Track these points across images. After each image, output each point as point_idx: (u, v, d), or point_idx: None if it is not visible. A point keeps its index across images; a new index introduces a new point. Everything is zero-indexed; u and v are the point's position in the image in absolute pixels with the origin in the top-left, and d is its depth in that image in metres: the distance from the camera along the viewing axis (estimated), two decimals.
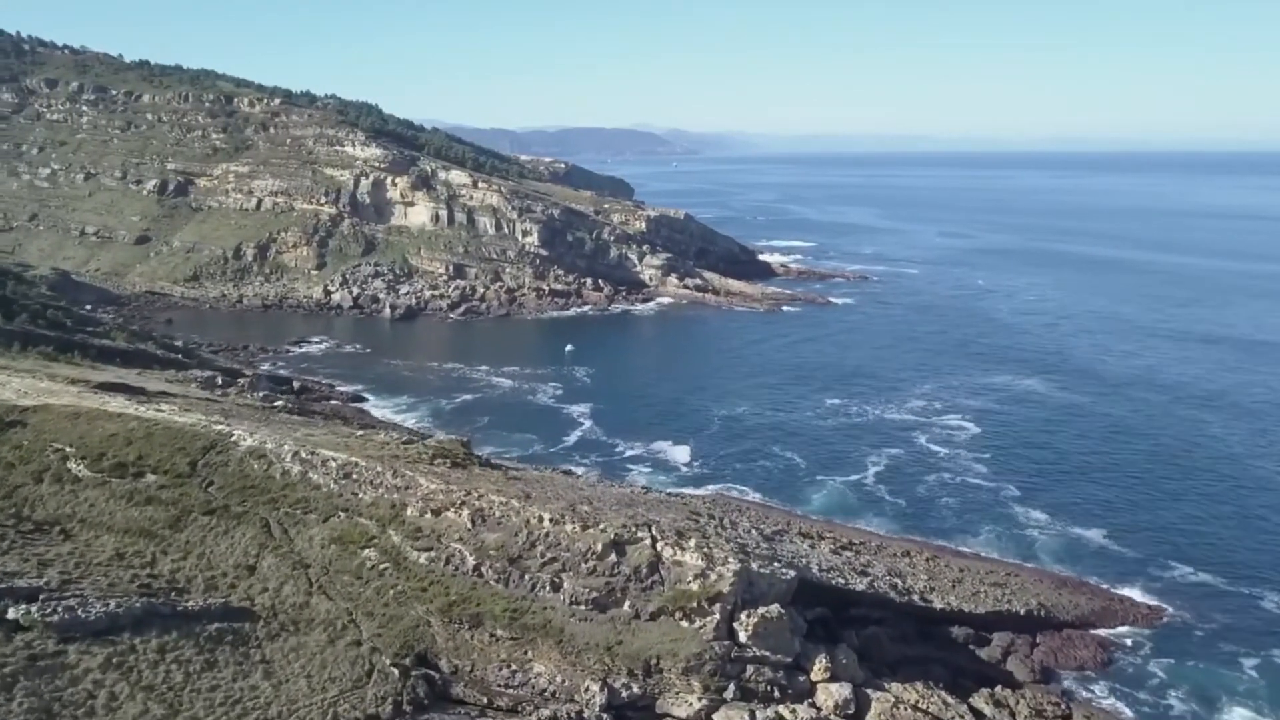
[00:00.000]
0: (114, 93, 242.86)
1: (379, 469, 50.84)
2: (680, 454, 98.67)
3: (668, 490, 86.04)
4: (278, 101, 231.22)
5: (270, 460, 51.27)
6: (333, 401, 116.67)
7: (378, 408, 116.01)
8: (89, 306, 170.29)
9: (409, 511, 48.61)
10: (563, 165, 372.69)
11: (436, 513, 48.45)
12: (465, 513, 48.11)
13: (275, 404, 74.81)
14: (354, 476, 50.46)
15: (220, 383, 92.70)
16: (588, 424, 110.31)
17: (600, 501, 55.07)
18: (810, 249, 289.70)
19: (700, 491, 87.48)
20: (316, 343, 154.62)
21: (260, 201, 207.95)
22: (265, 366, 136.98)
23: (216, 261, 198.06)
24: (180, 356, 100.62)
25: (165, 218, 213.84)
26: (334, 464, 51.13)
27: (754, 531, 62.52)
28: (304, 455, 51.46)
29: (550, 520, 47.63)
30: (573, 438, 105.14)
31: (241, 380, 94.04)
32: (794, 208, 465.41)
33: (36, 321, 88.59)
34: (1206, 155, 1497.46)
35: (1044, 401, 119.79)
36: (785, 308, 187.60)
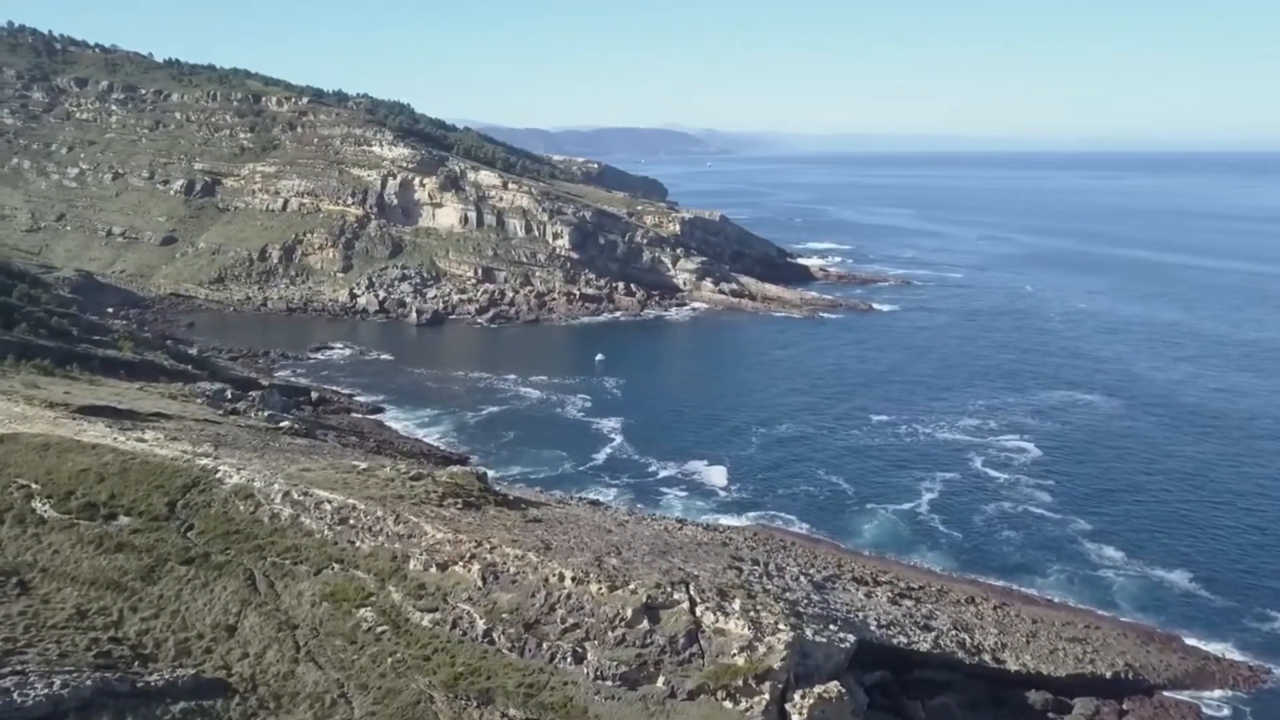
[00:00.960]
0: (143, 92, 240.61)
1: (379, 513, 44.70)
2: (717, 476, 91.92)
3: (705, 520, 79.60)
4: (305, 100, 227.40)
5: (258, 501, 45.34)
6: (352, 414, 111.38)
7: (398, 420, 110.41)
8: (110, 309, 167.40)
9: (412, 565, 42.42)
10: (596, 165, 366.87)
11: (443, 567, 42.23)
12: (475, 568, 41.83)
13: (281, 424, 69.22)
14: (351, 522, 44.36)
15: (230, 396, 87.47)
16: (618, 440, 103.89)
17: (630, 549, 48.58)
18: (849, 251, 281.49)
19: (740, 521, 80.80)
20: (339, 349, 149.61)
21: (286, 202, 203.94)
22: (284, 374, 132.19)
23: (241, 263, 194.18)
24: (190, 368, 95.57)
25: (192, 218, 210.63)
26: (329, 507, 45.07)
27: (803, 579, 55.73)
28: (296, 496, 45.47)
29: (573, 579, 41.19)
30: (602, 455, 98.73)
31: (253, 394, 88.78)
32: (830, 209, 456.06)
33: (38, 331, 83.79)
34: (1245, 155, 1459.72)
35: (1108, 421, 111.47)
36: (825, 314, 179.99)
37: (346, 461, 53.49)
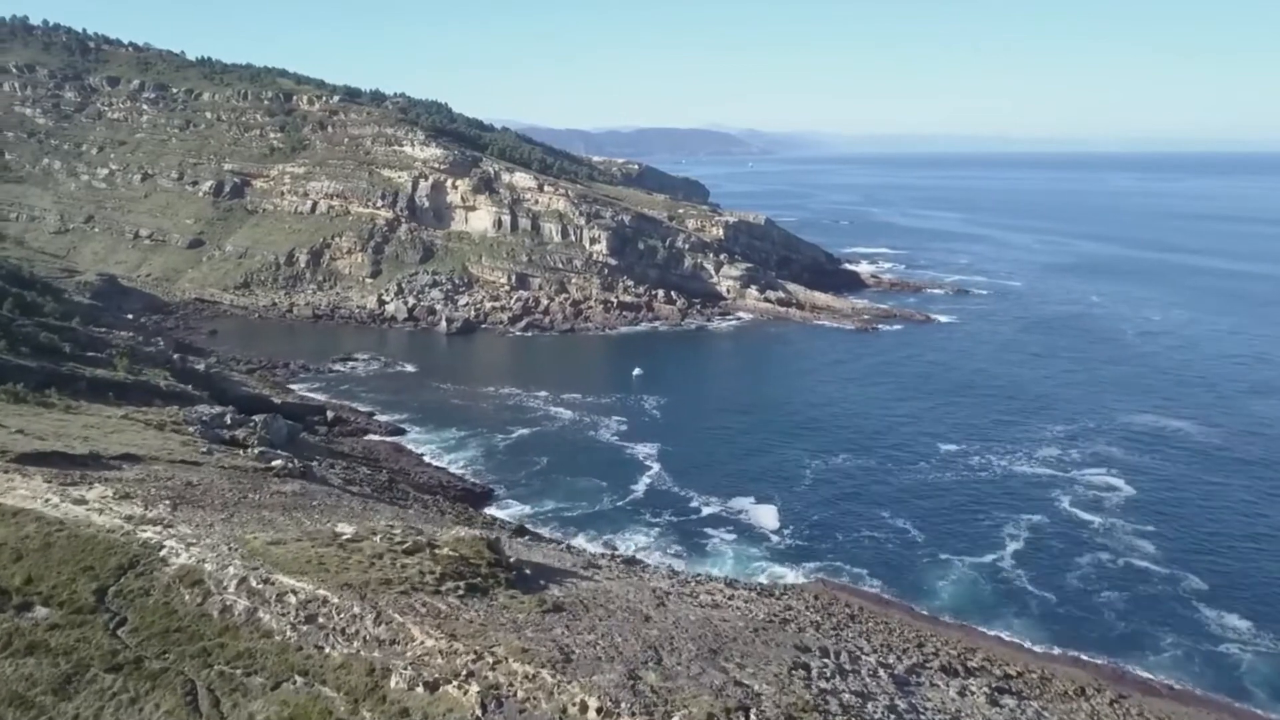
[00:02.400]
0: (174, 91, 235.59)
1: (356, 610, 35.39)
2: (767, 517, 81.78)
3: (758, 577, 69.81)
4: (336, 99, 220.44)
5: (208, 589, 36.23)
6: (369, 436, 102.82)
7: (420, 443, 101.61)
8: (130, 315, 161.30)
9: (394, 682, 32.95)
10: (636, 166, 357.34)
11: (432, 687, 32.73)
12: (473, 690, 32.27)
13: (272, 463, 60.44)
14: (320, 621, 35.09)
15: (229, 422, 79.03)
16: (657, 468, 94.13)
17: (673, 647, 38.80)
18: (899, 256, 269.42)
19: (797, 576, 70.73)
20: (363, 360, 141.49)
21: (315, 204, 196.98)
22: (303, 388, 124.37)
23: (268, 268, 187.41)
24: (190, 388, 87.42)
25: (220, 220, 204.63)
26: (294, 599, 35.86)
27: (882, 673, 45.54)
28: (254, 583, 36.30)
29: (598, 710, 31.47)
30: (640, 487, 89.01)
31: (256, 418, 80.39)
32: (876, 211, 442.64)
33: (18, 349, 75.94)
34: None
35: (1207, 453, 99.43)
36: (880, 325, 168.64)
37: (329, 528, 44.46)
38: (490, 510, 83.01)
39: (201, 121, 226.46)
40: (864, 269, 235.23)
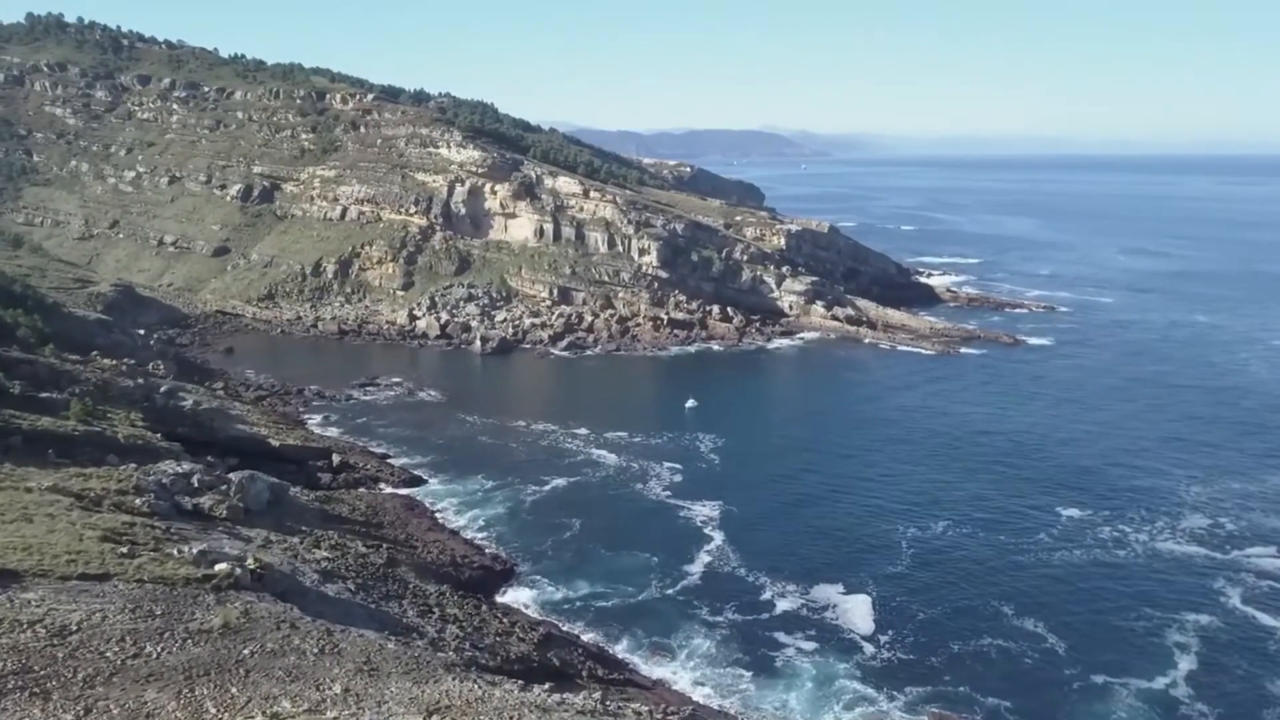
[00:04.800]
0: (206, 89, 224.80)
1: None
2: (859, 615, 64.86)
3: (845, 700, 53.18)
4: (370, 97, 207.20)
5: None
6: (380, 486, 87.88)
7: (437, 497, 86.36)
8: (142, 331, 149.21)
9: None
10: (688, 169, 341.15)
11: None
12: None
13: (215, 568, 45.41)
14: None
15: (195, 484, 64.44)
16: (718, 539, 77.66)
17: None
18: (973, 267, 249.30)
19: (900, 709, 53.86)
20: (386, 386, 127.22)
21: (345, 210, 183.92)
22: (315, 420, 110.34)
23: (294, 278, 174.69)
24: (158, 438, 72.96)
25: (247, 226, 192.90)
26: None
27: None
28: None
29: None
30: (697, 567, 72.60)
31: (233, 478, 65.80)
32: (942, 216, 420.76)
33: None
34: None
35: None
36: (964, 349, 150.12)
37: None
38: (511, 593, 67.50)
39: (232, 121, 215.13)
40: (937, 281, 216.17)
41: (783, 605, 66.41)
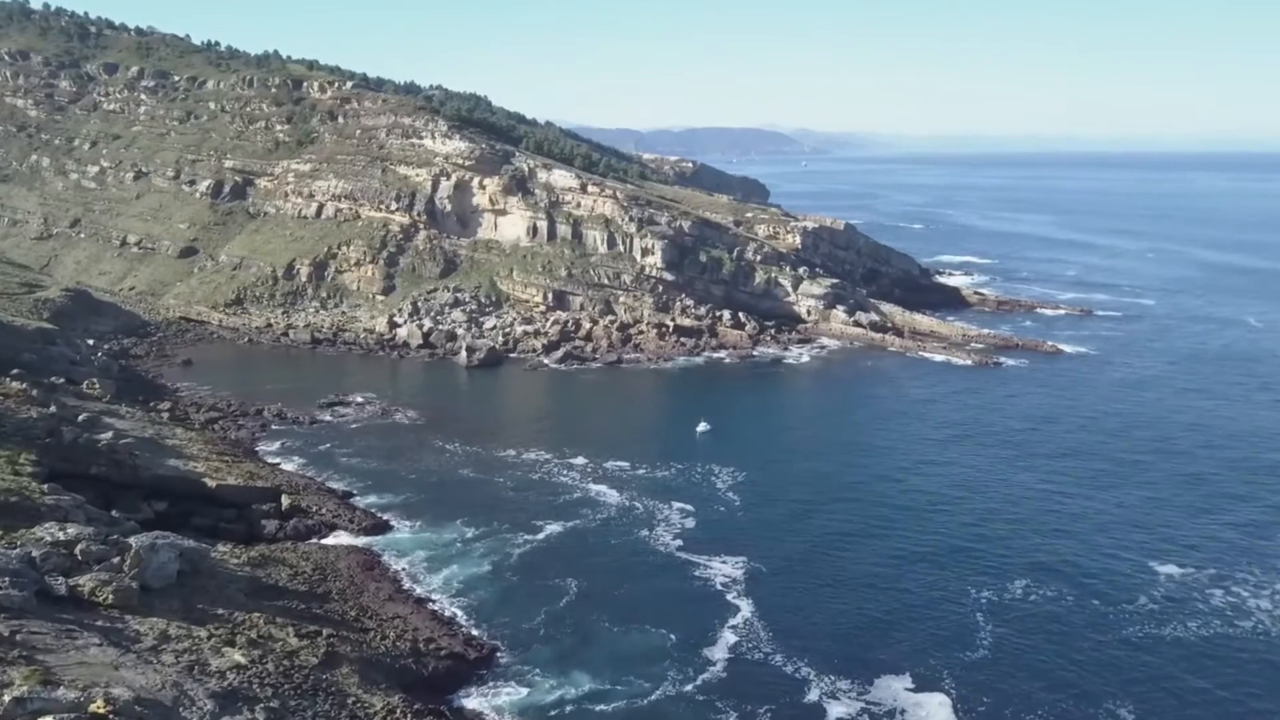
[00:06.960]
0: (176, 79, 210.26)
1: None
2: (936, 717, 50.37)
3: None
4: (350, 86, 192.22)
5: None
6: (335, 535, 73.27)
7: (402, 552, 71.49)
8: (91, 341, 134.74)
9: None
10: (690, 165, 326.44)
11: None
12: None
13: None
14: None
15: (80, 555, 50.10)
16: (745, 610, 62.90)
17: None
18: (992, 267, 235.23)
19: None
20: (359, 404, 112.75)
21: (321, 207, 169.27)
22: (271, 450, 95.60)
23: (264, 282, 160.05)
24: (44, 492, 58.43)
25: (216, 225, 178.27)
26: None
27: None
28: None
29: None
30: (720, 651, 57.86)
31: (133, 542, 51.54)
32: (951, 213, 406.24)
33: None
34: None
35: None
36: (1002, 359, 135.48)
37: None
38: (489, 694, 52.85)
39: (203, 113, 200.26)
40: (960, 281, 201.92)
41: (837, 710, 51.73)
